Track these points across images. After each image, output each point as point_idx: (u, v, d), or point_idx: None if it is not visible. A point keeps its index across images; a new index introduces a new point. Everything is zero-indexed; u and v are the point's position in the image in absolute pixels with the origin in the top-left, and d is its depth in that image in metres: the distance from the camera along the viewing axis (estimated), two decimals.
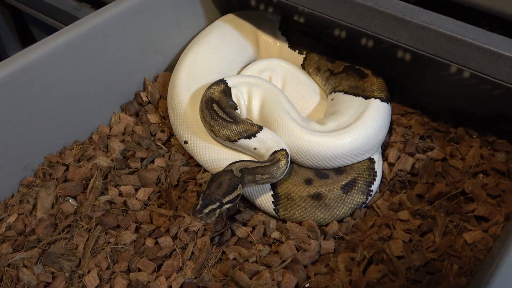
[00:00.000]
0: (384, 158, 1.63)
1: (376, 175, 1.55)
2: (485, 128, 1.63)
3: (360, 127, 1.51)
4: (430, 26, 1.32)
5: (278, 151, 1.45)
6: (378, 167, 1.57)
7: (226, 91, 1.60)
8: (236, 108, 1.62)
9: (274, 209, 1.50)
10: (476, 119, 1.67)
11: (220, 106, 1.54)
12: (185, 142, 1.65)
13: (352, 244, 1.42)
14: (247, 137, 1.49)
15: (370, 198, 1.55)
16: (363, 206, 1.54)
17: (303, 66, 1.88)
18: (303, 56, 1.87)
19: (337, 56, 1.81)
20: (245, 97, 1.64)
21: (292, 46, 1.89)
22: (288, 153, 1.46)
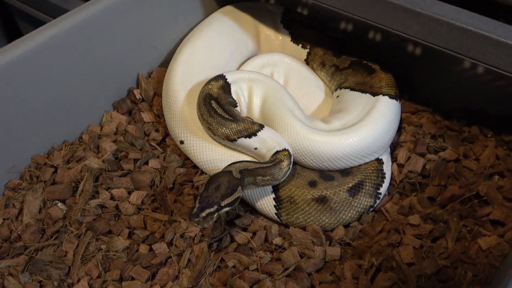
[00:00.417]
0: (393, 158, 1.63)
1: (384, 177, 1.55)
2: (500, 126, 1.63)
3: (367, 126, 1.51)
4: (443, 18, 1.32)
5: (280, 151, 1.45)
6: (387, 169, 1.57)
7: (225, 87, 1.60)
8: (235, 105, 1.62)
9: (276, 213, 1.49)
10: (491, 117, 1.67)
11: (218, 103, 1.54)
12: (181, 142, 1.64)
13: (359, 250, 1.42)
14: (247, 136, 1.49)
15: (378, 202, 1.54)
16: (371, 210, 1.54)
17: (307, 61, 1.88)
18: (307, 50, 1.87)
19: (343, 50, 1.81)
20: (245, 93, 1.64)
21: (295, 40, 1.89)
22: (290, 153, 1.46)
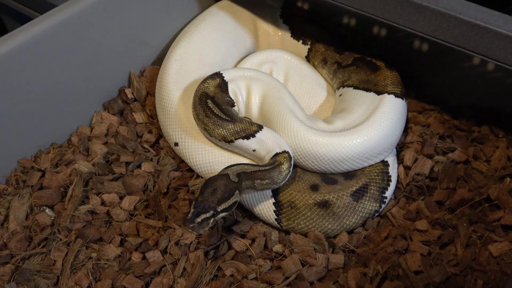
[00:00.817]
0: (399, 160, 1.64)
1: (390, 180, 1.56)
2: None
3: (372, 126, 1.51)
4: (450, 13, 1.32)
5: (280, 153, 1.45)
6: (393, 171, 1.58)
7: (222, 86, 1.60)
8: (233, 104, 1.62)
9: (276, 219, 1.50)
10: (502, 116, 1.67)
11: (215, 102, 1.54)
12: (175, 144, 1.65)
13: (364, 257, 1.42)
14: (245, 137, 1.49)
15: (383, 206, 1.55)
16: (376, 215, 1.54)
17: (308, 58, 1.88)
18: (308, 47, 1.87)
19: (346, 46, 1.81)
20: (243, 92, 1.64)
21: (295, 35, 1.90)
22: (291, 155, 1.46)
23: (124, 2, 1.76)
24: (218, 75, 1.62)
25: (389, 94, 1.60)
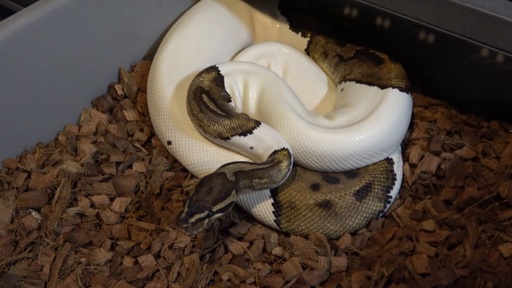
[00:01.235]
0: (404, 158, 1.64)
1: (395, 179, 1.56)
2: None
3: (376, 122, 1.52)
4: (457, 1, 1.32)
5: (278, 151, 1.46)
6: (398, 169, 1.58)
7: (218, 80, 1.61)
8: (229, 100, 1.63)
9: (275, 220, 1.50)
10: None
11: (210, 97, 1.55)
12: (168, 142, 1.65)
13: (368, 260, 1.43)
14: (242, 133, 1.49)
15: (388, 206, 1.55)
16: (381, 215, 1.55)
17: (308, 51, 1.89)
18: (308, 39, 1.88)
19: (347, 38, 1.82)
20: (240, 87, 1.65)
21: (294, 27, 1.90)
22: (290, 153, 1.47)
23: None
24: (213, 69, 1.62)
25: (393, 88, 1.61)
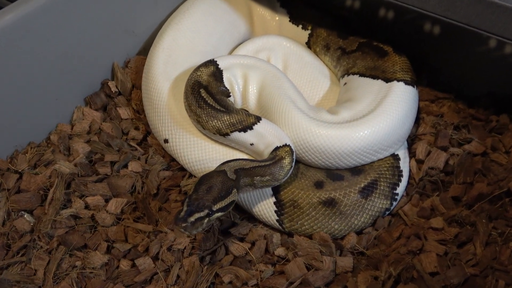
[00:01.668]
0: (411, 154, 1.65)
1: (401, 175, 1.57)
2: None
3: (381, 117, 1.53)
4: None
5: (280, 147, 1.47)
6: (404, 165, 1.59)
7: (217, 74, 1.61)
8: (228, 95, 1.63)
9: (278, 219, 1.51)
10: None
11: (209, 92, 1.55)
12: (165, 141, 1.66)
13: (374, 260, 1.43)
14: (242, 129, 1.50)
15: (395, 204, 1.56)
16: (387, 213, 1.56)
17: (309, 45, 1.90)
18: (308, 32, 1.89)
19: (350, 31, 1.83)
20: (239, 81, 1.65)
21: (294, 20, 1.91)
22: (292, 149, 1.48)
23: None
24: (212, 63, 1.63)
25: (398, 81, 1.62)
